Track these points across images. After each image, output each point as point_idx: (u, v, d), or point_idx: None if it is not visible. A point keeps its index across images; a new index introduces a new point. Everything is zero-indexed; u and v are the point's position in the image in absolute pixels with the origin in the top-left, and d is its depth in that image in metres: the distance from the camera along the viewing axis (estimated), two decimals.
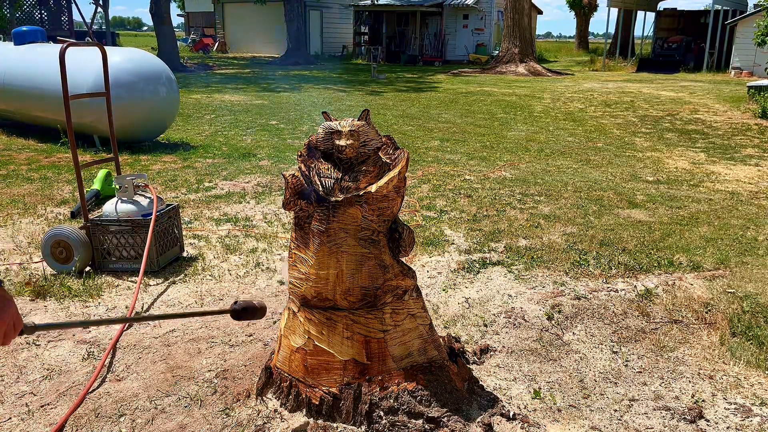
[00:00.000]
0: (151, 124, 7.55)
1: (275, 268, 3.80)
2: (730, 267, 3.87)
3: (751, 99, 12.25)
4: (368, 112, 2.21)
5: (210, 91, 14.88)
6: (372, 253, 2.17)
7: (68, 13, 19.39)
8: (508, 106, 12.80)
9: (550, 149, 8.11)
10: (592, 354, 2.81)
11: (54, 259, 3.61)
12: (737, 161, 7.53)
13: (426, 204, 5.26)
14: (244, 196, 5.46)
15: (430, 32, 29.79)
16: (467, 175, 6.42)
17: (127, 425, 2.25)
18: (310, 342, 2.25)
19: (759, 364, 2.70)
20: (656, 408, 2.39)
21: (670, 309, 3.26)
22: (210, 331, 2.99)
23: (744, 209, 5.28)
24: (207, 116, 10.63)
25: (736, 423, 2.30)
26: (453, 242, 4.30)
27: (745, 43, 20.88)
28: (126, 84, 6.91)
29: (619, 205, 5.30)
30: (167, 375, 2.58)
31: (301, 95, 14.29)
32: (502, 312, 3.22)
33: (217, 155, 7.28)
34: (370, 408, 2.18)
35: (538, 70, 22.78)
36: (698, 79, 20.46)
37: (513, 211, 5.08)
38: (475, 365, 2.67)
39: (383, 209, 2.15)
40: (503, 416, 2.27)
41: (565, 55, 36.51)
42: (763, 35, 13.47)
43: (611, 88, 17.12)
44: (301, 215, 2.21)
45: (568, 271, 3.79)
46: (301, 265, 2.24)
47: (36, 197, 5.30)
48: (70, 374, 2.58)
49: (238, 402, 2.38)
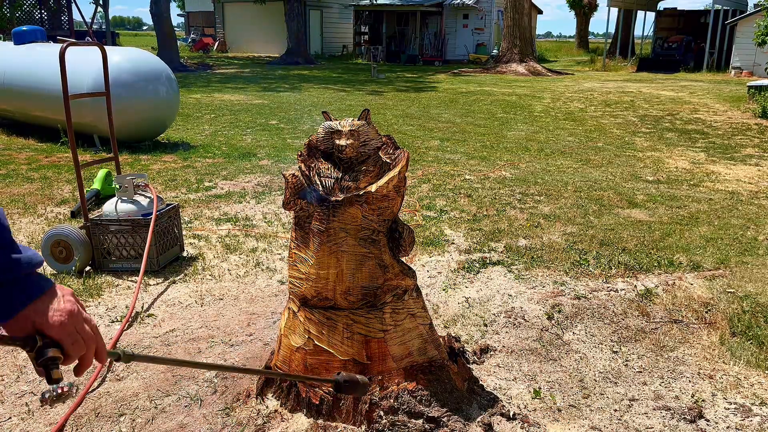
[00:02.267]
0: (151, 123, 7.55)
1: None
2: (730, 267, 3.87)
3: (751, 99, 12.25)
4: (368, 111, 2.21)
5: (210, 90, 14.88)
6: (372, 253, 2.17)
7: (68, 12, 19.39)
8: (508, 106, 12.79)
9: (550, 149, 8.11)
10: (592, 354, 2.81)
11: (54, 258, 3.61)
12: (737, 161, 7.53)
13: (426, 204, 5.26)
14: (244, 196, 5.46)
15: (430, 32, 29.79)
16: (467, 175, 6.42)
17: (127, 425, 2.25)
18: (310, 342, 2.25)
19: (759, 363, 2.70)
20: (656, 408, 2.39)
21: (670, 309, 3.26)
22: (210, 330, 2.99)
23: (744, 209, 5.28)
24: (207, 116, 10.63)
25: (736, 423, 2.30)
26: (453, 242, 4.30)
27: (745, 43, 20.88)
28: (126, 84, 6.90)
29: (619, 205, 5.30)
30: (167, 375, 2.58)
31: (301, 95, 14.29)
32: (502, 312, 3.22)
33: (217, 155, 7.28)
34: (370, 408, 2.18)
35: (538, 69, 22.78)
36: (698, 79, 20.47)
37: (513, 210, 5.08)
38: (475, 365, 2.67)
39: (383, 209, 2.15)
40: (503, 416, 2.27)
41: (565, 54, 36.52)
42: (763, 35, 13.47)
43: (611, 87, 17.12)
44: (301, 215, 2.21)
45: (568, 270, 3.79)
46: (301, 265, 2.24)
47: (36, 197, 5.30)
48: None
49: (238, 402, 2.38)
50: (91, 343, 1.02)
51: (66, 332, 0.97)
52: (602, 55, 27.82)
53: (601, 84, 18.40)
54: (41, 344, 0.94)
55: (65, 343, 0.97)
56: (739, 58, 22.32)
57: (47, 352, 0.94)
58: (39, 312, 0.97)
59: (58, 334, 0.96)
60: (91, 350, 1.02)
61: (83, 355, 1.01)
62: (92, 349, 1.02)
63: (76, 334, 0.99)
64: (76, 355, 0.99)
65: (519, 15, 23.16)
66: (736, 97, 14.22)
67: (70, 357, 0.99)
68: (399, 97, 14.21)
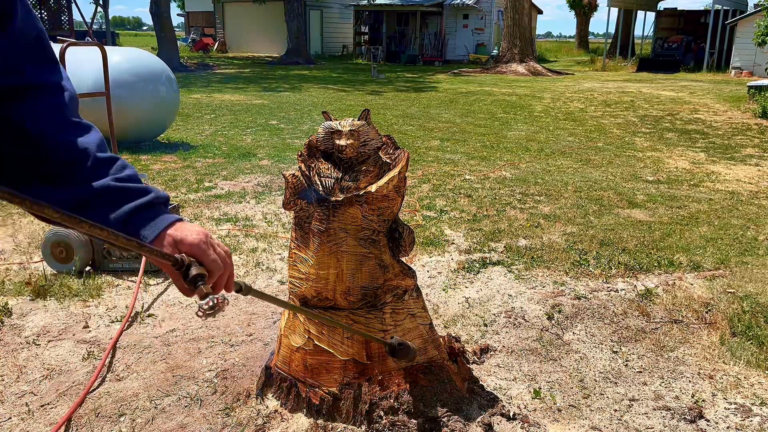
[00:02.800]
0: (151, 124, 7.55)
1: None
2: (730, 267, 3.87)
3: (751, 99, 12.25)
4: (368, 111, 2.21)
5: (210, 90, 14.88)
6: (372, 253, 2.17)
7: (68, 12, 19.38)
8: (508, 106, 12.79)
9: (550, 149, 8.11)
10: (592, 354, 2.81)
11: (54, 259, 3.61)
12: (737, 161, 7.53)
13: (426, 204, 5.26)
14: (244, 196, 5.46)
15: (430, 32, 29.79)
16: (467, 175, 6.42)
17: (127, 425, 2.25)
18: (310, 342, 2.25)
19: (759, 364, 2.70)
20: (656, 408, 2.39)
21: (670, 309, 3.26)
22: (210, 330, 2.99)
23: (744, 209, 5.28)
24: (207, 116, 10.63)
25: (736, 423, 2.30)
26: (453, 242, 4.30)
27: (745, 43, 20.89)
28: (126, 84, 6.90)
29: (619, 205, 5.30)
30: (167, 375, 2.58)
31: (301, 95, 14.29)
32: (502, 312, 3.22)
33: (217, 155, 7.28)
34: (370, 408, 2.18)
35: (538, 69, 22.78)
36: (698, 79, 20.46)
37: (513, 210, 5.08)
38: (475, 365, 2.67)
39: (383, 209, 2.15)
40: (503, 416, 2.27)
41: (565, 54, 36.52)
42: (763, 35, 13.48)
43: (611, 87, 17.12)
44: (301, 215, 2.21)
45: (568, 271, 3.79)
46: (301, 265, 2.24)
47: None
48: (70, 374, 2.58)
49: (238, 402, 2.38)
50: (227, 264, 1.09)
51: (203, 250, 1.04)
52: (602, 55, 27.82)
53: (601, 84, 18.40)
54: (188, 262, 1.01)
55: (205, 259, 1.04)
56: (739, 58, 22.32)
57: (193, 270, 1.01)
58: (179, 230, 1.05)
59: (198, 251, 1.04)
60: (227, 271, 1.09)
61: (220, 276, 1.07)
62: (228, 270, 1.09)
63: (213, 253, 1.06)
64: (216, 273, 1.06)
65: (519, 15, 23.17)
66: (736, 97, 14.22)
67: (212, 273, 1.05)
68: (399, 97, 14.21)
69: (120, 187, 1.05)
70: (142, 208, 1.06)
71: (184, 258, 1.01)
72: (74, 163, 1.02)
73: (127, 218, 1.04)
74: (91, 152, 1.04)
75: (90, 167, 1.03)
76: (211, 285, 1.05)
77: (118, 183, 1.05)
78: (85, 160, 1.03)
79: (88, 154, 1.04)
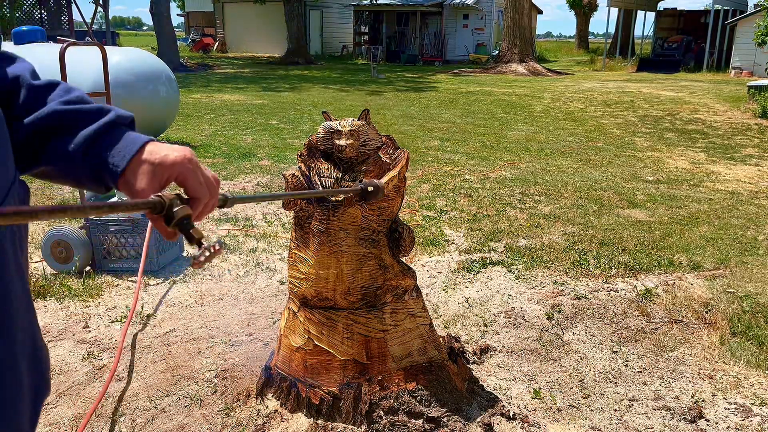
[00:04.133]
0: (151, 123, 7.53)
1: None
2: (730, 267, 3.87)
3: (751, 99, 12.25)
4: (368, 111, 2.21)
5: (210, 90, 14.88)
6: (372, 253, 2.17)
7: (68, 12, 19.37)
8: (508, 106, 12.79)
9: (550, 149, 8.11)
10: (592, 354, 2.81)
11: (54, 258, 3.61)
12: (737, 161, 7.53)
13: (426, 204, 5.26)
14: None
15: (430, 32, 29.78)
16: (467, 175, 6.42)
17: (127, 425, 2.25)
18: (310, 342, 2.25)
19: (759, 364, 2.70)
20: (656, 408, 2.39)
21: (670, 309, 3.26)
22: (210, 331, 2.99)
23: (744, 209, 5.28)
24: (207, 116, 10.63)
25: (736, 423, 2.30)
26: (453, 242, 4.30)
27: (745, 43, 20.88)
28: (126, 84, 6.90)
29: (619, 205, 5.30)
30: (167, 375, 2.58)
31: (301, 95, 14.29)
32: (502, 312, 3.22)
33: (217, 155, 7.28)
34: (370, 408, 2.18)
35: (538, 69, 22.77)
36: (698, 79, 20.46)
37: (513, 210, 5.08)
38: (475, 365, 2.67)
39: (383, 209, 2.15)
40: (503, 416, 2.27)
41: (565, 54, 36.51)
42: (763, 35, 13.48)
43: (611, 87, 17.12)
44: (301, 215, 2.21)
45: (568, 270, 3.79)
46: (301, 265, 2.24)
47: (36, 197, 5.30)
48: (70, 374, 2.58)
49: (238, 402, 2.38)
50: (215, 190, 0.90)
51: (190, 170, 0.86)
52: (602, 55, 27.81)
53: (601, 84, 18.40)
54: (168, 203, 0.81)
55: (191, 183, 0.86)
56: (739, 58, 22.31)
57: (176, 213, 0.82)
58: (156, 151, 0.85)
59: (184, 171, 0.85)
60: (215, 195, 0.90)
61: (205, 204, 0.88)
62: (215, 197, 0.90)
63: (201, 175, 0.88)
64: (203, 200, 0.87)
65: (519, 15, 23.16)
66: (736, 97, 14.21)
67: (197, 202, 0.87)
68: (399, 97, 14.21)
69: (70, 110, 0.85)
70: (102, 130, 0.85)
71: (163, 198, 0.81)
72: (5, 95, 0.84)
73: (88, 146, 0.84)
74: (25, 80, 0.86)
75: (26, 97, 0.85)
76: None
77: (67, 106, 0.85)
78: (18, 90, 0.85)
79: (20, 83, 0.85)
